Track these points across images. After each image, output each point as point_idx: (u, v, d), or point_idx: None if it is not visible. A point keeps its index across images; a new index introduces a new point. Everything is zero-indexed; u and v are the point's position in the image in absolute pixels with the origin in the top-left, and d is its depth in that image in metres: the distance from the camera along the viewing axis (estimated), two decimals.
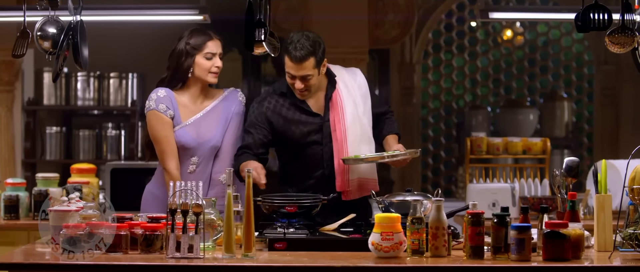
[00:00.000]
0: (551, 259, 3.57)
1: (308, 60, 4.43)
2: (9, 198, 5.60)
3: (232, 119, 4.60)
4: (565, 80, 10.09)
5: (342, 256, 3.70)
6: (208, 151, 4.54)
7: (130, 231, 3.79)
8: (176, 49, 4.53)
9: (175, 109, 4.52)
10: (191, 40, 4.51)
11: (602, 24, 4.18)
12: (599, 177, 4.01)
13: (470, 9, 9.85)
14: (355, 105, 4.60)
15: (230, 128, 4.60)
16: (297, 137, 4.58)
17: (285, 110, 4.60)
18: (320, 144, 4.60)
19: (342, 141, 4.54)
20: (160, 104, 4.51)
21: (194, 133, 4.53)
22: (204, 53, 4.51)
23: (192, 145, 4.52)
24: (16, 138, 7.62)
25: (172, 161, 4.50)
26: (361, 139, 4.58)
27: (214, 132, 4.55)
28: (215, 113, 4.58)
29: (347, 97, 4.60)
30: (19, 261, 3.64)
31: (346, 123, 4.56)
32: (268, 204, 4.18)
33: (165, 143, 4.50)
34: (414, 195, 4.15)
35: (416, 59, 9.56)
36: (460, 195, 9.24)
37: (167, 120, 4.51)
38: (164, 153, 4.51)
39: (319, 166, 4.60)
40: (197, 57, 4.50)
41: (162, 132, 4.50)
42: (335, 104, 4.59)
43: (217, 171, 4.57)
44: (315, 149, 4.60)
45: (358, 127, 4.58)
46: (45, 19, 4.37)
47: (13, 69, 7.45)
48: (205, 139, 4.53)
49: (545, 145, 6.85)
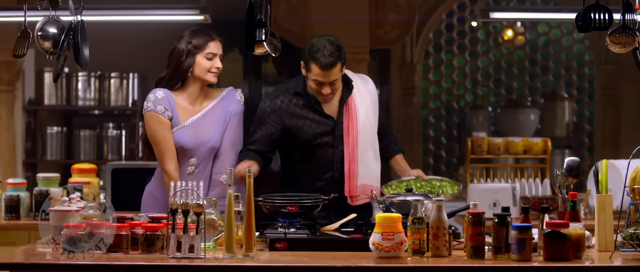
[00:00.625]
0: (552, 259, 3.57)
1: (336, 67, 4.48)
2: (10, 198, 5.60)
3: (231, 119, 4.60)
4: (566, 80, 10.09)
5: (343, 256, 3.70)
6: (206, 152, 4.54)
7: (131, 231, 3.79)
8: (177, 48, 4.52)
9: (174, 110, 4.52)
10: (193, 40, 4.51)
11: (602, 23, 4.18)
12: (600, 177, 4.01)
13: (471, 9, 9.85)
14: (366, 112, 4.62)
15: (229, 128, 4.59)
16: (309, 136, 4.60)
17: (299, 110, 4.62)
18: (332, 146, 4.61)
19: (354, 146, 4.57)
20: (158, 106, 4.50)
21: (192, 134, 4.53)
22: (205, 53, 4.51)
23: (190, 146, 4.52)
24: (17, 138, 7.62)
25: (171, 162, 4.50)
26: (369, 146, 4.61)
27: (212, 133, 4.54)
28: (214, 113, 4.58)
29: (360, 103, 4.63)
30: (19, 261, 3.64)
31: (358, 128, 4.59)
32: (269, 204, 4.18)
33: (164, 144, 4.50)
34: (415, 195, 4.15)
35: (417, 59, 9.55)
36: (460, 195, 9.24)
37: (165, 122, 4.51)
38: (162, 154, 4.51)
39: (329, 168, 4.62)
40: (198, 57, 4.50)
41: (160, 133, 4.50)
42: (350, 109, 4.62)
43: (216, 172, 4.56)
44: (327, 151, 4.62)
45: (368, 134, 4.61)
46: (46, 19, 4.37)
47: (14, 69, 7.45)
48: (203, 140, 4.53)
49: (546, 145, 6.85)
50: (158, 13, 5.71)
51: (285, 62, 8.92)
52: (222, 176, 4.54)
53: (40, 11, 4.36)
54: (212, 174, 4.57)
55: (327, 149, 4.62)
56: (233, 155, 4.57)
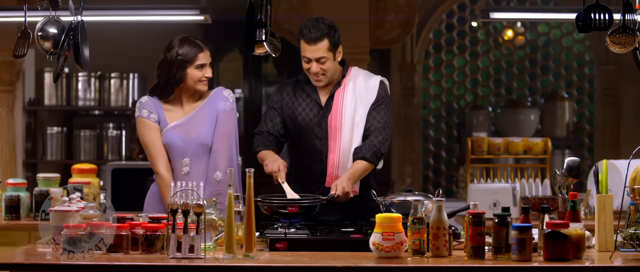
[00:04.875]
0: (552, 259, 3.57)
1: (322, 41, 4.50)
2: (10, 198, 5.60)
3: (219, 116, 4.58)
4: (566, 80, 10.09)
5: (343, 256, 3.70)
6: (197, 149, 4.53)
7: (131, 231, 3.79)
8: (167, 58, 4.51)
9: (160, 112, 4.54)
10: (182, 51, 4.49)
11: (603, 24, 4.18)
12: (600, 177, 4.01)
13: (471, 9, 9.85)
14: (354, 108, 4.60)
15: (220, 125, 4.57)
16: (299, 122, 4.65)
17: (296, 94, 4.69)
18: (319, 138, 4.62)
19: (337, 139, 4.58)
20: (143, 110, 4.54)
21: (181, 133, 4.53)
22: (195, 65, 4.51)
23: (180, 144, 4.52)
24: (17, 138, 7.62)
25: (161, 162, 4.51)
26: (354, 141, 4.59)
27: (200, 130, 4.54)
28: (202, 112, 4.58)
29: (350, 97, 4.61)
30: (20, 261, 3.64)
31: (343, 121, 4.58)
32: (267, 205, 4.18)
33: (152, 146, 4.52)
34: (415, 195, 4.15)
35: (417, 59, 9.56)
36: (461, 195, 9.25)
37: (152, 125, 4.53)
38: (152, 156, 4.53)
39: (318, 160, 4.63)
40: (189, 69, 4.51)
41: (148, 136, 4.53)
42: (336, 102, 4.61)
43: (212, 169, 4.55)
44: (315, 141, 4.65)
45: (353, 129, 4.59)
46: (46, 19, 4.37)
47: (14, 70, 7.45)
48: (193, 138, 4.53)
49: (546, 145, 6.85)
50: (158, 13, 5.72)
51: (286, 62, 8.92)
52: (216, 173, 4.53)
53: (41, 11, 4.36)
54: (208, 171, 4.56)
55: (317, 141, 4.63)
56: (227, 153, 4.55)
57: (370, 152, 4.52)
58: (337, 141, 4.58)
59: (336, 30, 4.55)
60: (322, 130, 4.64)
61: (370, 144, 4.54)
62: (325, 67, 4.55)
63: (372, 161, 4.53)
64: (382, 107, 4.63)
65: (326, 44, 4.51)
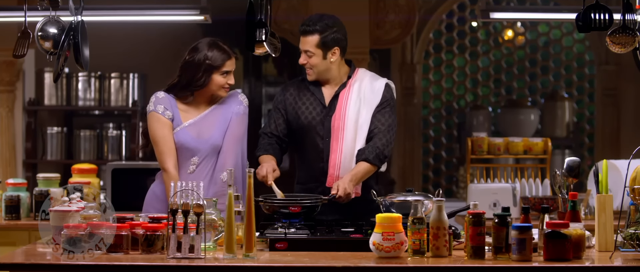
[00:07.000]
0: (552, 259, 3.57)
1: (312, 36, 4.52)
2: (10, 198, 5.60)
3: (232, 119, 4.59)
4: (566, 80, 10.09)
5: (343, 256, 3.70)
6: (208, 150, 4.54)
7: (131, 231, 3.79)
8: (193, 60, 4.47)
9: (175, 110, 4.53)
10: (211, 55, 4.47)
11: (603, 24, 4.18)
12: (600, 177, 4.01)
13: (471, 9, 9.85)
14: (358, 109, 4.60)
15: (231, 128, 4.59)
16: (302, 120, 4.65)
17: (300, 92, 4.69)
18: (322, 137, 4.62)
19: (339, 139, 4.58)
20: (158, 106, 4.52)
21: (194, 133, 4.53)
22: (221, 71, 4.50)
23: (192, 145, 4.52)
24: (17, 138, 7.62)
25: (170, 160, 4.51)
26: (357, 142, 4.58)
27: (213, 131, 4.55)
28: (215, 114, 4.58)
29: (355, 100, 4.61)
30: (20, 261, 3.64)
31: (346, 122, 4.58)
32: (268, 205, 4.18)
33: (163, 143, 4.51)
34: (415, 195, 4.15)
35: (417, 59, 9.55)
36: (461, 195, 9.25)
37: (165, 121, 4.52)
38: (161, 153, 4.51)
39: (320, 160, 4.62)
40: (214, 75, 4.49)
41: (160, 132, 4.51)
42: (340, 103, 4.61)
43: (219, 169, 4.56)
44: (317, 141, 4.64)
45: (356, 130, 4.58)
46: (46, 19, 4.37)
47: (14, 70, 7.45)
48: (205, 138, 4.53)
49: (546, 145, 6.85)
50: (158, 13, 5.72)
51: (286, 62, 8.92)
52: (222, 173, 4.54)
53: (41, 11, 4.36)
54: (214, 171, 4.57)
55: (318, 140, 4.63)
56: (235, 154, 4.57)
57: (373, 154, 4.51)
58: (339, 141, 4.58)
59: (333, 31, 4.54)
60: (324, 129, 4.63)
61: (373, 146, 4.54)
62: (312, 62, 4.56)
63: (375, 163, 4.52)
64: (387, 110, 4.62)
65: (315, 40, 4.52)
